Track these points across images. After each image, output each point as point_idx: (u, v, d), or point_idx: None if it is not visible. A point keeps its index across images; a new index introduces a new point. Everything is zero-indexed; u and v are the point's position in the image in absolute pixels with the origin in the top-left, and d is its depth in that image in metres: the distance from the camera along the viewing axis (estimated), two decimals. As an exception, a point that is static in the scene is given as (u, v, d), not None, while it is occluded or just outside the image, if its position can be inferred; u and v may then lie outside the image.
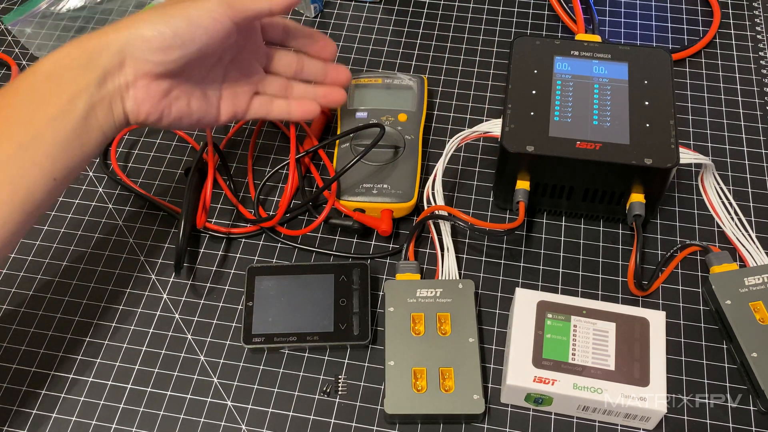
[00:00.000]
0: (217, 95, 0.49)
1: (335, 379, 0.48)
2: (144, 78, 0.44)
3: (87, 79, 0.42)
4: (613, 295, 0.51)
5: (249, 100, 0.51)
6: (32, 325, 0.51)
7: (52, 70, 0.42)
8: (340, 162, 0.55)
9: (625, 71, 0.54)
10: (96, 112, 0.43)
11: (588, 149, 0.49)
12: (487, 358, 0.49)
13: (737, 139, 0.59)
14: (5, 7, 0.71)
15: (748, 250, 0.51)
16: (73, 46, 0.43)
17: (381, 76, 0.60)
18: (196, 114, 0.48)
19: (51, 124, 0.41)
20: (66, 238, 0.55)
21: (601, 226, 0.55)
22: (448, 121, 0.61)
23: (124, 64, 0.43)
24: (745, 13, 0.68)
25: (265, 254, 0.54)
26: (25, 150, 0.41)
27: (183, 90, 0.46)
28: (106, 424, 0.47)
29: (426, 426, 0.46)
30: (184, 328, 0.51)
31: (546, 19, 0.68)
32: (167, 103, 0.46)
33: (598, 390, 0.44)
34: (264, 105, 0.51)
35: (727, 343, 0.49)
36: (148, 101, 0.45)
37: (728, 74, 0.64)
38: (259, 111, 0.51)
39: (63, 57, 0.43)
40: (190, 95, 0.47)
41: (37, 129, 0.41)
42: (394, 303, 0.48)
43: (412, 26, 0.68)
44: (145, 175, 0.59)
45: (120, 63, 0.43)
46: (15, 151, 0.41)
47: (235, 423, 0.47)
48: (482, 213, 0.56)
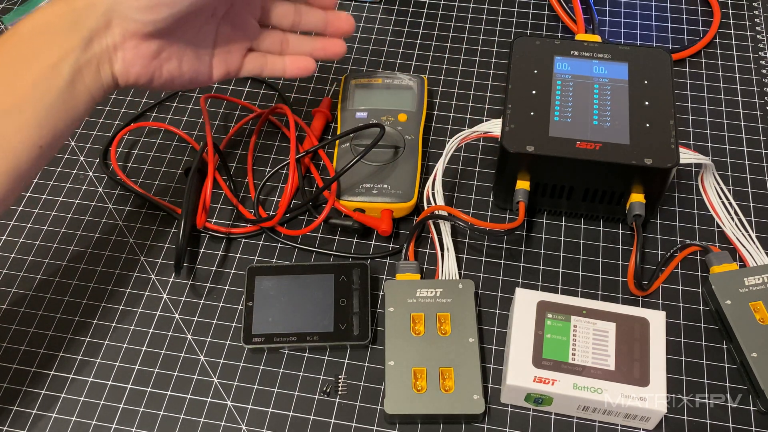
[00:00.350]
0: (209, 53, 0.47)
1: (335, 379, 0.48)
2: (132, 38, 0.42)
3: (72, 41, 0.40)
4: (613, 295, 0.51)
5: (242, 57, 0.49)
6: (32, 325, 0.51)
7: (36, 32, 0.40)
8: (340, 162, 0.55)
9: (625, 71, 0.54)
10: (83, 75, 0.41)
11: (588, 149, 0.49)
12: (487, 358, 0.49)
13: (737, 139, 0.59)
14: (5, 7, 0.71)
15: (748, 250, 0.51)
16: (57, 4, 0.41)
17: (381, 76, 0.60)
18: (187, 74, 0.46)
19: (35, 88, 0.40)
20: (66, 238, 0.55)
21: (601, 226, 0.55)
22: (448, 121, 0.61)
23: (111, 24, 0.41)
24: (745, 13, 0.68)
25: (265, 254, 0.54)
26: (8, 116, 0.39)
27: (174, 50, 0.44)
28: (106, 424, 0.47)
29: (426, 426, 0.46)
30: (184, 328, 0.51)
31: (546, 19, 0.68)
32: (158, 64, 0.44)
33: (598, 390, 0.44)
34: (257, 62, 0.49)
35: (727, 343, 0.49)
36: (138, 63, 0.43)
37: (728, 74, 0.64)
38: (253, 69, 0.49)
39: (46, 16, 0.41)
40: (181, 55, 0.45)
41: (21, 94, 0.40)
42: (394, 303, 0.48)
43: (412, 26, 0.68)
44: (145, 175, 0.59)
45: (107, 23, 0.41)
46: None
47: (235, 423, 0.47)
48: (482, 213, 0.56)
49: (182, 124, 0.61)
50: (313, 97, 0.63)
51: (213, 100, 0.63)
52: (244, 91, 0.64)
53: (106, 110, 0.62)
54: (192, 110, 0.62)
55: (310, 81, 0.64)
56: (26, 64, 0.40)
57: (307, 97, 0.63)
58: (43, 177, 0.58)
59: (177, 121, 0.62)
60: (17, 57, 0.40)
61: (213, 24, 0.47)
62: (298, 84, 0.64)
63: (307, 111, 0.62)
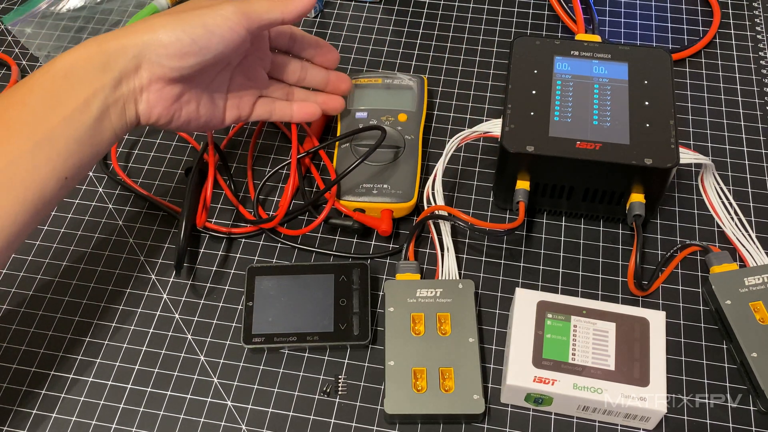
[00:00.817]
0: (224, 99, 0.50)
1: (335, 379, 0.48)
2: (158, 82, 0.45)
3: (103, 81, 0.43)
4: (613, 295, 0.51)
5: (253, 103, 0.52)
6: (32, 325, 0.51)
7: (70, 70, 0.43)
8: (340, 162, 0.55)
9: (625, 71, 0.54)
10: (110, 112, 0.44)
11: (588, 149, 0.49)
12: (487, 358, 0.49)
13: (737, 139, 0.59)
14: (5, 7, 0.71)
15: (748, 250, 0.51)
16: (91, 46, 0.43)
17: (381, 76, 0.60)
18: (203, 117, 0.49)
19: (66, 123, 0.42)
20: (66, 238, 0.55)
21: (601, 226, 0.55)
22: (448, 121, 0.61)
23: (140, 68, 0.44)
24: (745, 13, 0.68)
25: (265, 254, 0.54)
26: (39, 148, 0.41)
27: (193, 94, 0.47)
28: (106, 424, 0.47)
29: (426, 426, 0.46)
30: (184, 328, 0.51)
31: (546, 19, 0.68)
32: (178, 106, 0.47)
33: (598, 390, 0.44)
34: (267, 107, 0.53)
35: (727, 343, 0.49)
36: (160, 104, 0.46)
37: (728, 74, 0.64)
38: (263, 113, 0.52)
39: (80, 56, 0.43)
40: (199, 99, 0.48)
41: (52, 128, 0.42)
42: (394, 303, 0.48)
43: (412, 26, 0.68)
44: (146, 175, 0.59)
45: (136, 66, 0.43)
46: (30, 148, 0.41)
47: (235, 423, 0.47)
48: (482, 213, 0.56)
49: (182, 124, 0.61)
50: (313, 97, 0.63)
51: (213, 100, 0.63)
52: (244, 91, 0.64)
53: (106, 110, 0.62)
54: (192, 110, 0.62)
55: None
56: (59, 99, 0.42)
57: (307, 97, 0.63)
58: (43, 177, 0.58)
59: (177, 121, 0.62)
60: (51, 92, 0.42)
61: (228, 73, 0.50)
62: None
63: (307, 111, 0.62)
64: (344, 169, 0.52)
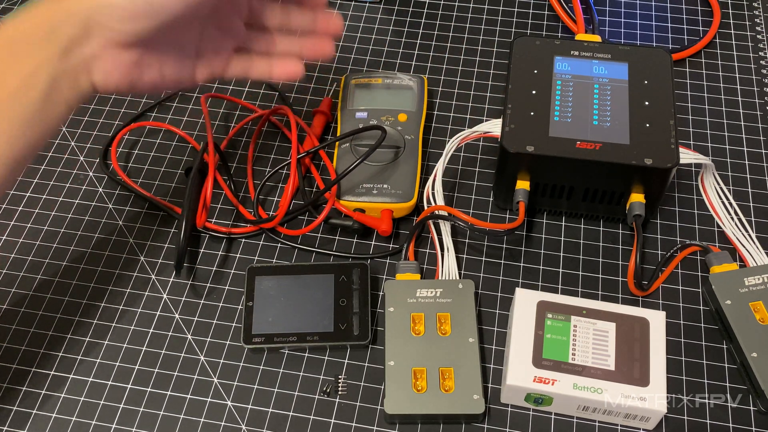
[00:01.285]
0: (192, 57, 0.45)
1: (335, 379, 0.48)
2: (112, 48, 0.40)
3: (49, 51, 0.38)
4: (613, 295, 0.51)
5: (227, 59, 0.47)
6: (32, 325, 0.51)
7: (11, 39, 0.39)
8: (340, 162, 0.55)
9: (625, 71, 0.54)
10: (60, 85, 0.39)
11: (588, 149, 0.49)
12: (487, 358, 0.49)
13: (737, 139, 0.59)
14: (5, 8, 0.71)
15: (748, 250, 0.51)
16: (35, 11, 0.39)
17: (381, 76, 0.60)
18: (170, 80, 0.44)
19: (9, 100, 0.38)
20: (66, 238, 0.55)
21: (601, 226, 0.55)
22: (448, 121, 0.61)
23: (91, 34, 0.39)
24: (745, 13, 0.68)
25: (265, 254, 0.54)
26: None
27: (155, 57, 0.42)
28: (106, 424, 0.47)
29: (426, 426, 0.46)
30: (184, 328, 0.51)
31: (546, 19, 0.68)
32: (138, 72, 0.42)
33: (598, 390, 0.44)
34: (243, 64, 0.48)
35: (727, 343, 0.49)
36: (117, 72, 0.41)
37: (728, 74, 0.64)
38: (239, 71, 0.48)
39: (23, 23, 0.39)
40: (162, 62, 0.43)
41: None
42: (394, 303, 0.48)
43: (412, 26, 0.68)
44: (145, 175, 0.59)
45: (86, 32, 0.39)
46: None
47: (235, 423, 0.47)
48: (482, 213, 0.56)
49: (182, 123, 0.61)
50: (313, 97, 0.63)
51: (213, 99, 0.63)
52: (244, 90, 0.64)
53: (106, 110, 0.62)
54: (192, 110, 0.62)
55: (310, 81, 0.64)
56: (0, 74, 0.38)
57: (307, 97, 0.63)
58: (43, 177, 0.58)
59: (177, 120, 0.62)
60: None
61: (196, 27, 0.45)
62: (298, 84, 0.64)
63: (307, 111, 0.62)
64: (344, 169, 0.52)
